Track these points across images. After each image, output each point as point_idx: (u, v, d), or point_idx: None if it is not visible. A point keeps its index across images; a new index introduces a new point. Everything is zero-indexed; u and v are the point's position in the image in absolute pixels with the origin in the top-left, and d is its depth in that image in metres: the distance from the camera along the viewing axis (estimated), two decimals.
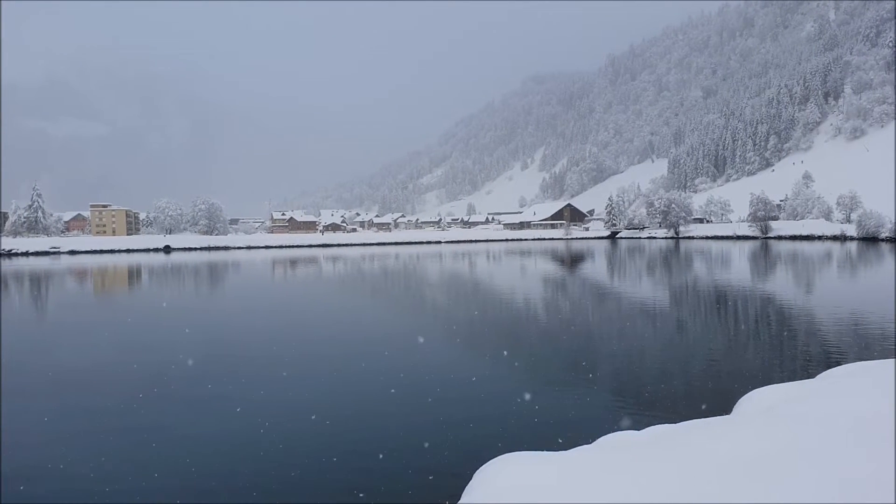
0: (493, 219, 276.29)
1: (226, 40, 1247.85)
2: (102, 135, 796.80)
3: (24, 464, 9.55)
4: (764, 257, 60.37)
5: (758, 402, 7.04)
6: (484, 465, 5.60)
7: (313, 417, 11.45)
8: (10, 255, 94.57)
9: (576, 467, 4.98)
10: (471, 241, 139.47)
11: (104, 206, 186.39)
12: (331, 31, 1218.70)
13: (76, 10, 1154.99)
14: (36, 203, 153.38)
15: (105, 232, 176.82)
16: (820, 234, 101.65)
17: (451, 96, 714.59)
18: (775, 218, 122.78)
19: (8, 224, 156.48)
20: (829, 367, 10.75)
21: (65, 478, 9.01)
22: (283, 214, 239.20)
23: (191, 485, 8.70)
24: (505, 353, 17.33)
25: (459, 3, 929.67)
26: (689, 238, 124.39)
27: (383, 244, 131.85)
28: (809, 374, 11.19)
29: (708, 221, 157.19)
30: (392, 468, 9.04)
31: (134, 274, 57.48)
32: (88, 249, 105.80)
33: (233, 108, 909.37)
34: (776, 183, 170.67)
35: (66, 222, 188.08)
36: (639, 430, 6.65)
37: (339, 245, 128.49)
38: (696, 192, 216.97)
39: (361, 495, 8.24)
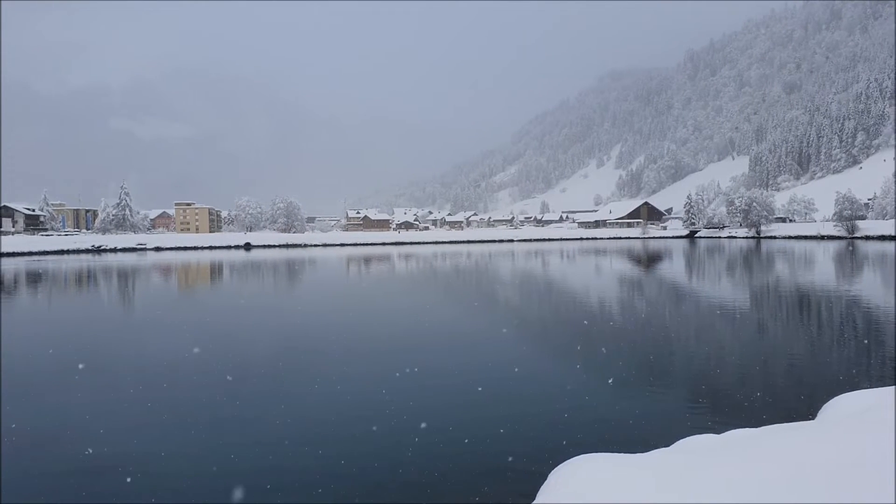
0: (567, 217, 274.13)
1: (306, 42, 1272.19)
2: (186, 135, 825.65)
3: (111, 453, 9.96)
4: (850, 258, 58.13)
5: (844, 408, 6.82)
6: (560, 466, 5.59)
7: (386, 413, 11.60)
8: (99, 250, 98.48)
9: (655, 469, 4.94)
10: (544, 240, 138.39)
11: (188, 205, 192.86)
12: (406, 32, 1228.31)
13: (161, 12, 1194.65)
14: (124, 201, 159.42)
15: (189, 229, 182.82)
16: None
17: (525, 94, 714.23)
18: (863, 217, 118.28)
19: (98, 221, 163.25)
20: None
21: (148, 468, 9.37)
22: (358, 213, 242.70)
23: (270, 478, 8.93)
24: (579, 354, 17.20)
25: (536, 3, 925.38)
26: (770, 238, 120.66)
27: (455, 242, 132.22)
28: None
29: (791, 221, 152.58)
30: (465, 467, 9.09)
31: (216, 270, 59.16)
32: (173, 246, 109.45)
33: (312, 109, 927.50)
34: (864, 181, 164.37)
35: (151, 220, 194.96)
36: (718, 433, 6.54)
37: (411, 243, 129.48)
38: (778, 190, 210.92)
39: (434, 494, 8.31)
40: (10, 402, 12.82)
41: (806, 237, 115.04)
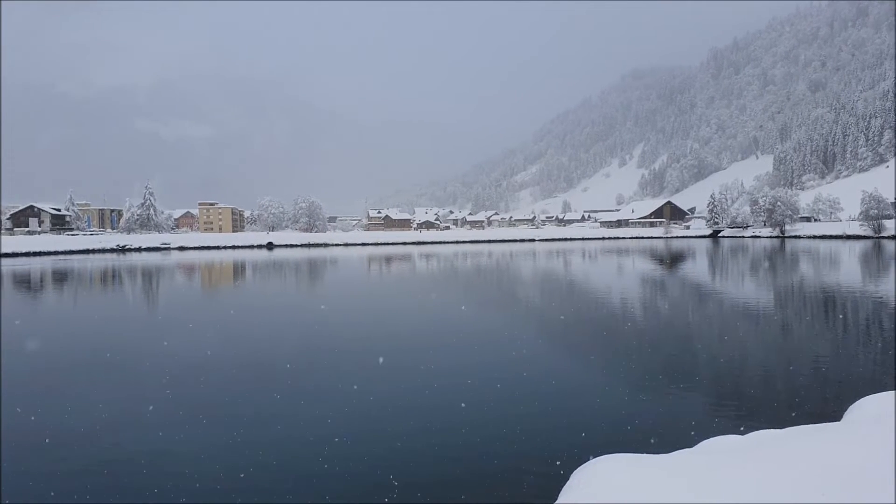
0: (589, 217, 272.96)
1: (327, 42, 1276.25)
2: (210, 136, 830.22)
3: (132, 450, 10.07)
4: (877, 258, 57.40)
5: (870, 410, 6.75)
6: (582, 466, 5.58)
7: (404, 412, 11.64)
8: (124, 250, 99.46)
9: (678, 470, 4.92)
10: (566, 240, 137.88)
11: (211, 205, 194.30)
12: (427, 31, 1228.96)
13: (184, 13, 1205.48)
14: (148, 201, 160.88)
15: (212, 229, 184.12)
16: None
17: (546, 92, 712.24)
18: (889, 217, 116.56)
19: (122, 221, 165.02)
20: None
21: (168, 463, 9.46)
22: (379, 212, 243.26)
23: (287, 476, 8.99)
24: (600, 353, 17.15)
25: (557, 2, 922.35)
26: (795, 237, 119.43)
27: (476, 242, 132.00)
28: None
29: (816, 220, 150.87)
30: (486, 466, 9.09)
31: (239, 270, 59.53)
32: (196, 246, 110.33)
33: (334, 109, 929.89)
34: (891, 180, 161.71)
35: (175, 219, 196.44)
36: (742, 434, 6.50)
37: (432, 242, 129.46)
38: (802, 189, 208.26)
39: (454, 493, 8.32)
40: (33, 399, 13.02)
41: (831, 237, 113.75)
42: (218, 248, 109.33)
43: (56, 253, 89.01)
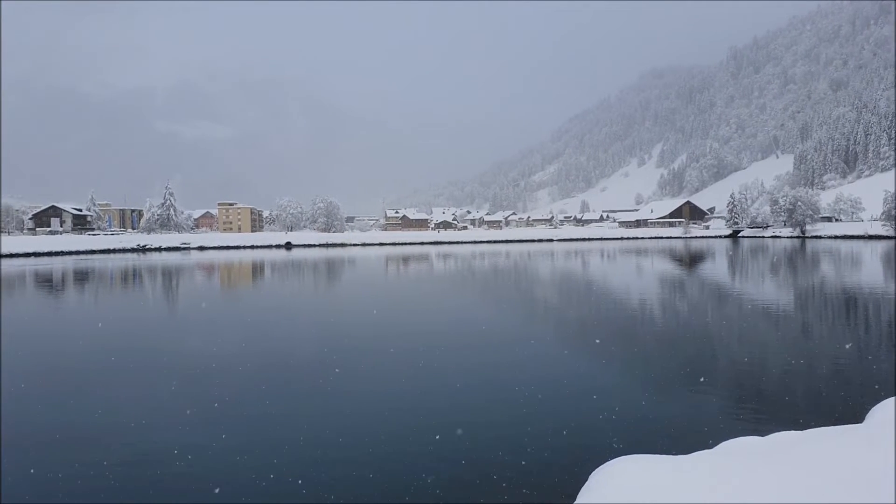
0: (607, 216, 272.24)
1: (345, 43, 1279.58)
2: (229, 136, 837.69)
3: (150, 447, 10.14)
4: None
5: (893, 412, 6.69)
6: (600, 467, 5.57)
7: (423, 412, 11.63)
8: (144, 250, 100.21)
9: (697, 470, 4.90)
10: (584, 240, 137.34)
11: (230, 205, 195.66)
12: (444, 31, 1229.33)
13: (204, 14, 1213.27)
14: (168, 201, 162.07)
15: (231, 229, 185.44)
16: None
17: (565, 92, 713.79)
18: None
19: (143, 221, 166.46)
20: None
21: (183, 462, 9.52)
22: (397, 212, 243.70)
23: (303, 475, 9.02)
24: (618, 354, 17.07)
25: (576, 2, 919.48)
26: (815, 237, 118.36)
27: (494, 242, 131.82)
28: None
29: (837, 220, 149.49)
30: (505, 466, 9.07)
31: (258, 269, 59.80)
32: (216, 245, 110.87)
33: (352, 109, 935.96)
34: None
35: (195, 219, 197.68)
36: (762, 436, 6.46)
37: (450, 242, 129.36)
38: (823, 189, 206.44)
39: (473, 493, 8.32)
40: (51, 399, 13.16)
41: (852, 237, 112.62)
42: (237, 247, 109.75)
43: (77, 252, 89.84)
